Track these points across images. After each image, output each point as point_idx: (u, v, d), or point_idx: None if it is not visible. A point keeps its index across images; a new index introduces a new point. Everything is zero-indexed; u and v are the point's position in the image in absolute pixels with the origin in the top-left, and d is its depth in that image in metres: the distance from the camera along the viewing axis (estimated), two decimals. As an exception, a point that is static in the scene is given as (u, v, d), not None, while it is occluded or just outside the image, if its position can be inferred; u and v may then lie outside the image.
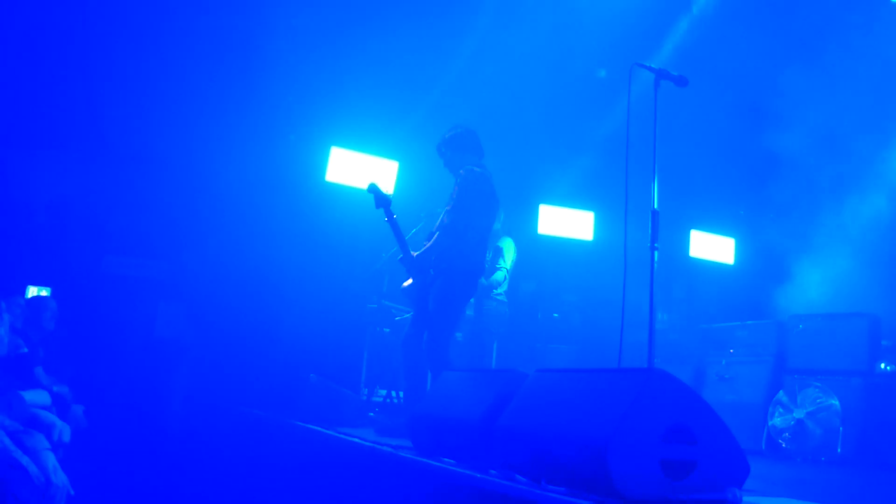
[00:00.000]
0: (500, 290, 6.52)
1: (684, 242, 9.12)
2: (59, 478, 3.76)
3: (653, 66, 4.23)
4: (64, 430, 4.40)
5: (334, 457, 4.28)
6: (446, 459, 3.55)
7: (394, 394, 6.20)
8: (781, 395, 5.80)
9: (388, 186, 7.41)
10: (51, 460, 3.80)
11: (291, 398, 5.78)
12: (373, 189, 4.83)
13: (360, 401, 6.05)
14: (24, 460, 3.63)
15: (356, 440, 4.22)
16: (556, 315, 8.55)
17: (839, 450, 5.32)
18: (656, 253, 4.01)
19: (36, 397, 4.48)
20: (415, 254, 4.93)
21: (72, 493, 3.82)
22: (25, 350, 4.84)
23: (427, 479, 3.33)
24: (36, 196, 7.12)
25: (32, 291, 6.79)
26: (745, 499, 2.71)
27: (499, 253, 6.57)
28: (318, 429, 4.78)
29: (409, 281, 4.94)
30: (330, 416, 5.35)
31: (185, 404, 6.74)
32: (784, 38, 7.44)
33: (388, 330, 6.40)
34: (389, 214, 4.80)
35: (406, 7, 7.35)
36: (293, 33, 7.24)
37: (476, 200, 4.87)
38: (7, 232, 6.90)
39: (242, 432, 5.73)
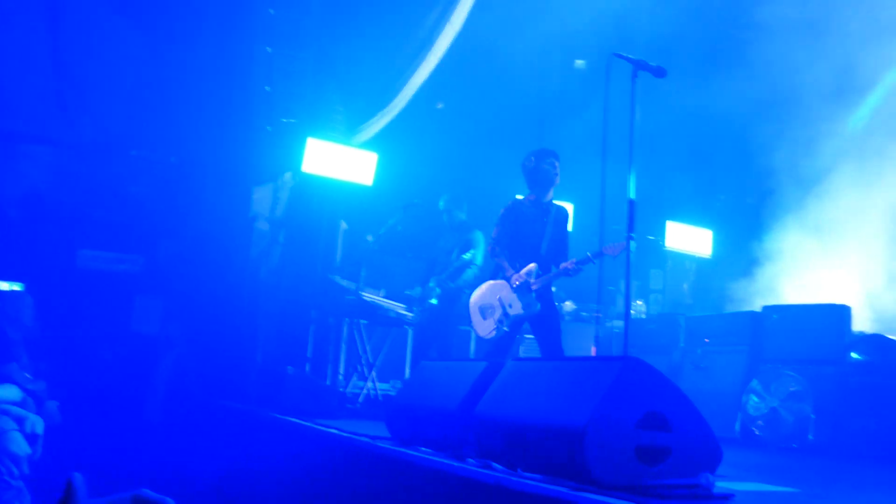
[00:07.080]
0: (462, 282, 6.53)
1: (661, 233, 9.19)
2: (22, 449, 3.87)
3: (631, 56, 4.26)
4: (37, 423, 4.37)
5: (313, 448, 4.28)
6: (423, 449, 3.56)
7: (370, 385, 6.19)
8: (755, 383, 5.87)
9: (367, 177, 7.34)
10: (16, 439, 3.86)
11: (270, 391, 5.76)
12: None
13: (337, 392, 6.04)
14: None
15: (334, 431, 4.22)
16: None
17: (811, 437, 5.40)
18: (633, 243, 4.04)
19: (5, 393, 4.44)
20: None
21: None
22: None
23: (404, 468, 3.34)
24: (7, 189, 6.99)
25: (3, 287, 6.65)
26: (718, 484, 2.75)
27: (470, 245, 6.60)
28: (297, 420, 4.78)
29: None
30: (308, 408, 5.34)
31: (164, 399, 6.68)
32: (772, 22, 7.46)
33: (365, 321, 6.38)
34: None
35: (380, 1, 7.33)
36: (271, 26, 7.19)
37: None
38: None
39: (221, 425, 5.71)
